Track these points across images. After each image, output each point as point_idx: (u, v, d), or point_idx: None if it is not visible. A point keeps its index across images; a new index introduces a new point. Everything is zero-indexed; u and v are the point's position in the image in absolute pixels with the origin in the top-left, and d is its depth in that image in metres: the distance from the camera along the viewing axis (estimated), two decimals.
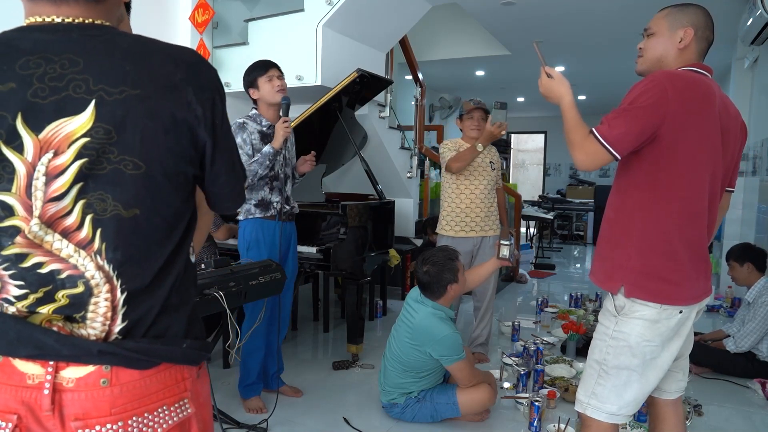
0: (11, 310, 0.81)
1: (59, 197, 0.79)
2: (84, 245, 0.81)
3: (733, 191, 1.73)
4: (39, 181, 0.78)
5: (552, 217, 8.12)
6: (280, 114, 2.56)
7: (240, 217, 2.63)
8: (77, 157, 0.78)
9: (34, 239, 0.79)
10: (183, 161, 0.86)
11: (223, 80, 4.40)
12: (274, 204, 2.61)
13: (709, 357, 3.28)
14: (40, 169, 0.78)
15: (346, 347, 3.37)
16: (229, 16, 4.32)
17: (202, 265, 2.25)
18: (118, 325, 0.84)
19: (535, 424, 2.49)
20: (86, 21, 0.82)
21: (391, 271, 4.73)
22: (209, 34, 4.22)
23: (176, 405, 0.89)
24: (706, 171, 1.54)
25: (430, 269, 2.51)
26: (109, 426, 0.81)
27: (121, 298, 0.84)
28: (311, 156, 2.84)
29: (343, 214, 3.20)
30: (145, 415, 0.85)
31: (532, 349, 3.33)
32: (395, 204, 3.77)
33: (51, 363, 0.79)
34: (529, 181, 13.19)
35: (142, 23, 4.04)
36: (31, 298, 0.80)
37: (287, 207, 2.67)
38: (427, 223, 4.79)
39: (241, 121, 2.54)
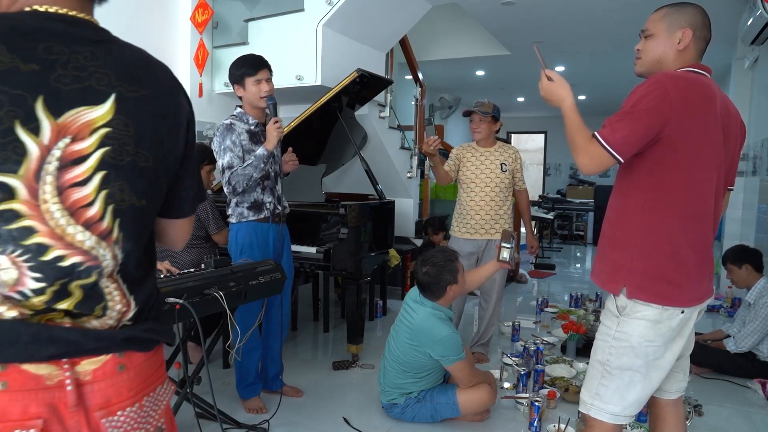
0: (17, 312, 0.78)
1: (82, 183, 0.79)
2: (105, 236, 0.82)
3: (732, 190, 1.73)
4: (51, 166, 0.77)
5: (552, 217, 8.13)
6: (267, 113, 2.50)
7: (232, 221, 2.57)
8: (100, 145, 0.80)
9: (55, 229, 0.78)
10: (176, 159, 0.94)
11: (222, 80, 4.46)
12: (267, 204, 2.57)
13: (709, 357, 3.28)
14: (55, 153, 0.77)
15: (346, 347, 3.37)
16: (228, 16, 4.32)
17: (202, 265, 2.25)
18: (132, 311, 0.89)
19: (535, 424, 2.49)
20: (80, 15, 0.84)
21: (389, 270, 4.73)
22: (209, 34, 4.22)
23: (165, 384, 0.96)
24: (711, 171, 1.53)
25: (430, 270, 2.51)
26: (128, 409, 0.85)
27: (130, 286, 0.88)
28: (292, 156, 2.78)
29: (343, 214, 3.19)
30: (151, 394, 0.90)
31: (532, 349, 3.33)
32: (395, 204, 3.77)
33: (65, 360, 0.79)
34: (529, 181, 13.07)
35: (142, 23, 4.06)
36: (49, 292, 0.78)
37: (279, 208, 2.63)
38: (428, 223, 4.79)
39: (227, 122, 2.47)
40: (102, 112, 0.80)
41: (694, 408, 2.73)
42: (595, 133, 1.48)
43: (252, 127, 2.54)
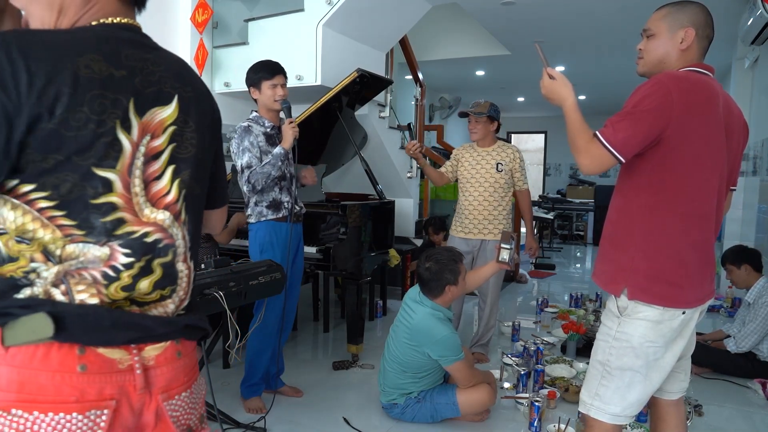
0: (98, 300, 0.83)
1: (159, 177, 0.89)
2: (177, 216, 0.92)
3: (734, 190, 1.73)
4: (139, 161, 0.86)
5: (552, 217, 8.13)
6: (281, 117, 2.61)
7: (251, 220, 2.64)
8: (170, 141, 0.91)
9: (142, 218, 0.87)
10: (214, 153, 1.06)
11: (222, 80, 4.45)
12: (285, 204, 2.64)
13: (709, 357, 3.28)
14: (141, 149, 0.86)
15: (346, 347, 3.37)
16: (229, 16, 4.32)
17: (202, 265, 2.25)
18: (188, 299, 0.97)
19: (535, 424, 2.49)
20: (137, 25, 0.95)
21: (389, 270, 4.72)
22: (209, 34, 4.21)
23: (201, 374, 1.02)
24: (714, 171, 1.53)
25: (432, 266, 2.50)
26: (183, 394, 0.93)
27: (193, 268, 0.97)
28: (311, 170, 2.89)
29: (343, 214, 3.19)
30: (196, 381, 0.98)
31: (532, 349, 3.33)
32: (395, 204, 3.77)
33: (134, 345, 0.85)
34: (529, 181, 13.13)
35: (142, 23, 4.04)
36: (136, 267, 0.86)
37: (297, 208, 2.70)
38: (429, 222, 4.79)
39: (245, 124, 2.58)
40: (170, 111, 0.91)
41: (695, 408, 2.73)
42: (597, 133, 1.47)
43: (268, 130, 2.62)
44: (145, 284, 0.87)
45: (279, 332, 2.71)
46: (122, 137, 0.84)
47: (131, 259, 0.85)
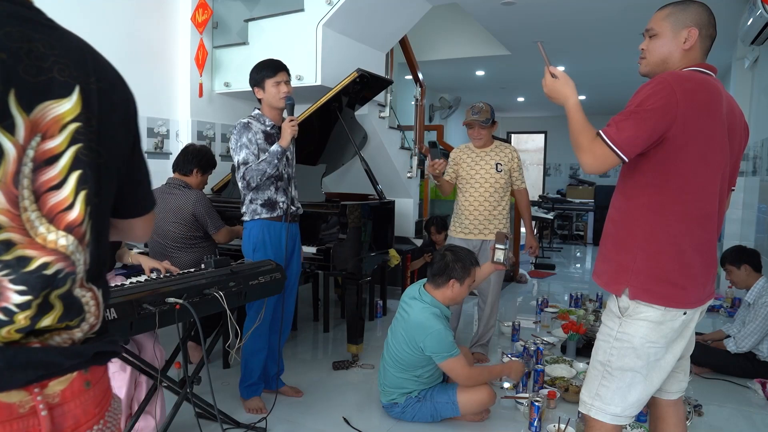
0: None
1: (57, 186, 0.72)
2: (82, 238, 0.75)
3: (734, 190, 1.73)
4: (27, 168, 0.69)
5: (552, 217, 8.13)
6: (284, 116, 2.58)
7: (245, 218, 2.63)
8: (71, 142, 0.73)
9: (36, 238, 0.71)
10: (126, 155, 0.87)
11: (222, 80, 4.45)
12: (280, 204, 2.62)
13: (709, 357, 3.28)
14: (29, 153, 0.69)
15: (346, 347, 3.37)
16: (229, 16, 4.32)
17: (202, 265, 2.25)
18: (99, 323, 0.81)
19: (535, 424, 2.49)
20: None
21: (389, 270, 4.72)
22: (209, 34, 4.22)
23: (114, 396, 0.89)
24: (717, 172, 1.53)
25: (449, 255, 2.54)
26: (96, 427, 0.80)
27: (103, 294, 0.82)
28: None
29: (343, 214, 3.19)
30: (109, 408, 0.85)
31: (532, 349, 3.33)
32: (395, 204, 3.77)
33: (35, 384, 0.72)
34: (529, 181, 13.02)
35: (142, 23, 4.05)
36: (34, 306, 0.71)
37: (293, 208, 2.68)
38: (430, 222, 4.79)
39: (245, 121, 2.56)
40: (70, 105, 0.73)
41: (694, 408, 2.73)
42: (600, 132, 1.47)
43: (268, 129, 2.60)
44: (48, 321, 0.73)
45: (278, 332, 2.72)
46: (2, 139, 0.67)
47: (27, 297, 0.69)
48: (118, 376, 2.18)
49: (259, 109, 2.65)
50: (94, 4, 3.50)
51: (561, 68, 1.68)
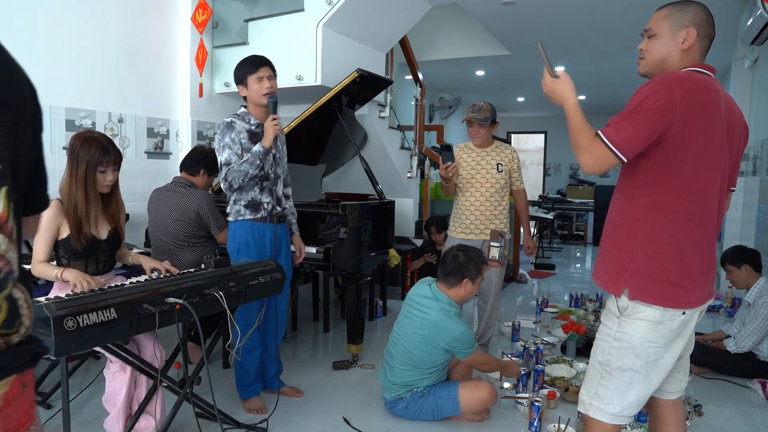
0: None
1: None
2: (10, 235, 0.73)
3: (734, 190, 1.73)
4: None
5: (552, 217, 8.13)
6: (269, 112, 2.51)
7: (230, 219, 2.58)
8: None
9: None
10: (31, 152, 0.84)
11: (222, 80, 4.45)
12: (265, 204, 2.57)
13: (709, 357, 3.28)
14: None
15: (346, 347, 3.37)
16: (228, 16, 4.32)
17: (202, 265, 2.25)
18: (31, 325, 0.79)
19: (535, 424, 2.49)
20: None
21: (389, 270, 4.72)
22: (209, 34, 4.22)
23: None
24: (716, 171, 1.53)
25: (461, 255, 2.56)
26: (32, 428, 0.79)
27: (27, 294, 0.80)
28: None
29: (343, 214, 3.19)
30: (35, 409, 0.85)
31: (532, 349, 3.33)
32: (395, 204, 3.77)
33: None
34: (529, 181, 13.02)
35: (142, 23, 4.06)
36: None
37: (278, 209, 2.63)
38: (431, 222, 4.79)
39: (229, 120, 2.51)
40: None
41: (694, 408, 2.73)
42: (599, 132, 1.47)
43: (253, 127, 2.55)
44: None
45: (271, 333, 2.70)
46: None
47: None
48: (118, 376, 2.18)
49: (245, 107, 2.59)
50: (94, 4, 3.50)
51: (560, 68, 1.67)
